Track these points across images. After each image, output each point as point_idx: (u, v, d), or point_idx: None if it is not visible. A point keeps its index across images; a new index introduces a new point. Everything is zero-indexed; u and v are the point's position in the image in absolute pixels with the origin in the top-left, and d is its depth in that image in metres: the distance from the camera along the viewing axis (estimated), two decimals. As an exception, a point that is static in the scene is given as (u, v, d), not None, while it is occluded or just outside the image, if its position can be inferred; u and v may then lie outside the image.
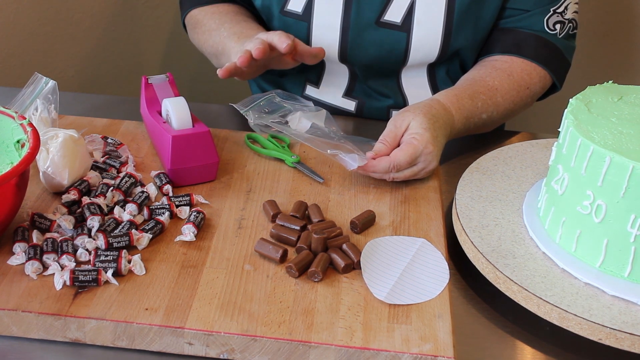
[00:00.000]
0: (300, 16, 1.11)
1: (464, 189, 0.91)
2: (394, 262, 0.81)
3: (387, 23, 1.09)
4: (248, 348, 0.72)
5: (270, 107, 1.04)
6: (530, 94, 1.10)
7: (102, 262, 0.77)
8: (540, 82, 1.10)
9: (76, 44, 1.62)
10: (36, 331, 0.73)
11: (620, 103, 0.84)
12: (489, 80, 1.06)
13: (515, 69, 1.08)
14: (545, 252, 0.81)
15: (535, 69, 1.09)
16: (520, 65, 1.08)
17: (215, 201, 0.90)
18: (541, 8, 1.09)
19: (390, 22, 1.09)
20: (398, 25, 1.08)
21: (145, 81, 1.00)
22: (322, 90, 1.20)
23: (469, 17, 1.08)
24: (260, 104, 1.04)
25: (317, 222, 0.86)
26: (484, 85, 1.05)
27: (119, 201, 0.88)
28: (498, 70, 1.08)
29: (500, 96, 1.06)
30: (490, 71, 1.08)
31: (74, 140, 0.88)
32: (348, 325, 0.73)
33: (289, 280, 0.78)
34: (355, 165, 0.91)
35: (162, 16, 1.69)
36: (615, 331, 0.71)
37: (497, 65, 1.09)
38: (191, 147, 0.91)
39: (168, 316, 0.73)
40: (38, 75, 1.01)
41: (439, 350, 0.71)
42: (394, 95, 1.17)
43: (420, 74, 1.15)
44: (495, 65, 1.09)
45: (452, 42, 1.09)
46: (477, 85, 1.05)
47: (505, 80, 1.07)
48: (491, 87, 1.05)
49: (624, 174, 0.73)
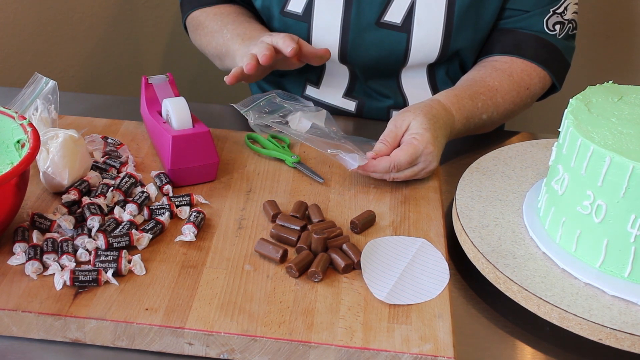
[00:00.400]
0: (300, 17, 1.11)
1: (464, 189, 0.91)
2: (394, 262, 0.81)
3: (387, 24, 1.09)
4: (248, 348, 0.72)
5: (270, 107, 1.04)
6: (530, 94, 1.10)
7: (102, 262, 0.77)
8: (540, 82, 1.10)
9: (76, 44, 1.62)
10: (36, 331, 0.73)
11: (620, 103, 0.84)
12: (489, 81, 1.06)
13: (515, 70, 1.08)
14: (545, 252, 0.81)
15: (535, 69, 1.09)
16: (520, 66, 1.09)
17: (215, 201, 0.90)
18: (541, 9, 1.09)
19: (390, 23, 1.09)
20: (398, 26, 1.08)
21: (145, 81, 1.00)
22: (322, 90, 1.20)
23: (469, 17, 1.08)
24: (261, 104, 1.04)
25: (317, 222, 0.86)
26: (484, 86, 1.05)
27: (119, 201, 0.88)
28: (498, 70, 1.08)
29: (500, 97, 1.06)
30: (491, 72, 1.08)
31: (74, 140, 0.88)
32: (348, 325, 0.73)
33: (289, 281, 0.78)
34: (355, 165, 0.91)
35: (162, 16, 1.69)
36: (615, 331, 0.71)
37: (497, 65, 1.09)
38: (191, 147, 0.91)
39: (168, 316, 0.73)
40: (38, 75, 1.01)
41: (439, 350, 0.71)
42: (394, 95, 1.17)
43: (420, 75, 1.15)
44: (495, 66, 1.09)
45: (452, 42, 1.09)
46: (477, 85, 1.05)
47: (506, 80, 1.07)
48: (491, 88, 1.05)
49: (624, 174, 0.73)
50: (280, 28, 1.13)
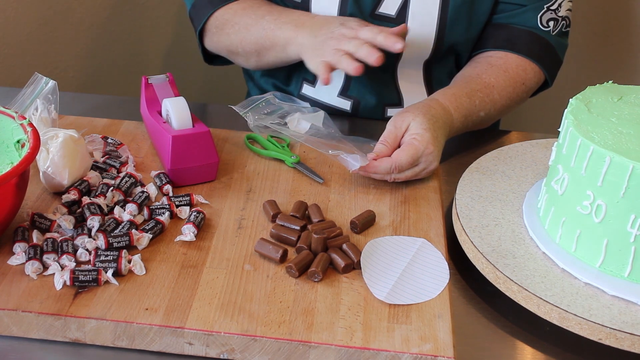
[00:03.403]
0: (298, 4, 1.11)
1: (464, 189, 0.91)
2: (394, 262, 0.81)
3: (382, 15, 1.09)
4: (248, 348, 0.72)
5: (269, 109, 1.04)
6: (526, 89, 1.10)
7: (102, 262, 0.77)
8: (535, 77, 1.11)
9: (76, 44, 1.62)
10: (36, 331, 0.73)
11: (620, 103, 0.84)
12: (485, 78, 1.06)
13: (510, 65, 1.09)
14: (545, 252, 0.81)
15: (530, 64, 1.10)
16: (515, 61, 1.09)
17: (215, 201, 0.90)
18: (535, 4, 1.09)
19: (385, 15, 1.09)
20: (393, 18, 1.09)
21: (145, 81, 1.00)
22: (319, 89, 1.20)
23: (463, 11, 1.08)
24: (260, 106, 1.04)
25: (317, 222, 0.86)
26: (480, 83, 1.05)
27: (119, 201, 0.88)
28: (494, 67, 1.08)
29: (497, 93, 1.06)
30: (486, 68, 1.08)
31: (74, 140, 0.88)
32: (348, 325, 0.73)
33: (289, 280, 0.78)
34: (357, 166, 0.91)
35: (162, 16, 1.69)
36: (615, 331, 0.71)
37: (492, 61, 1.09)
38: (191, 147, 0.91)
39: (168, 316, 0.73)
40: (38, 75, 1.01)
41: (439, 350, 0.71)
42: (389, 92, 1.17)
43: (416, 71, 1.15)
44: (490, 62, 1.09)
45: (447, 37, 1.09)
46: (473, 82, 1.05)
47: (502, 76, 1.07)
48: (488, 84, 1.06)
49: (624, 174, 0.73)
50: None
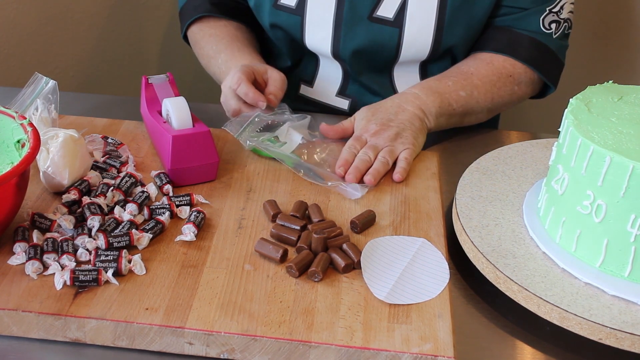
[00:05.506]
0: (293, 10, 1.11)
1: (464, 189, 0.91)
2: (394, 262, 0.81)
3: (380, 18, 1.09)
4: (248, 348, 0.72)
5: (260, 125, 1.02)
6: (515, 82, 1.10)
7: (103, 262, 0.77)
8: (526, 73, 1.11)
9: (76, 44, 1.62)
10: (36, 331, 0.73)
11: (620, 103, 0.84)
12: (462, 67, 1.09)
13: (496, 60, 1.10)
14: (545, 252, 0.81)
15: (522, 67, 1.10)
16: (502, 58, 1.10)
17: (215, 201, 0.90)
18: (537, 7, 1.09)
19: (382, 18, 1.09)
20: (390, 21, 1.09)
21: (146, 81, 1.00)
22: (316, 89, 1.20)
23: (461, 14, 1.08)
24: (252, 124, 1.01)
25: (317, 222, 0.86)
26: (454, 70, 1.09)
27: (119, 201, 0.88)
28: (477, 59, 1.11)
29: (477, 79, 1.08)
30: (467, 60, 1.11)
31: (74, 140, 0.88)
32: (348, 325, 0.73)
33: (289, 280, 0.78)
34: (358, 195, 0.91)
35: (162, 16, 1.69)
36: (615, 331, 0.71)
37: (477, 56, 1.12)
38: (191, 147, 0.91)
39: (168, 316, 0.73)
40: (38, 75, 1.01)
41: (439, 350, 0.71)
42: (387, 92, 1.17)
43: (413, 72, 1.16)
44: (475, 56, 1.12)
45: (444, 39, 1.09)
46: (448, 72, 1.09)
47: (483, 66, 1.09)
48: (464, 72, 1.08)
49: (624, 174, 0.73)
50: (273, 22, 1.14)
